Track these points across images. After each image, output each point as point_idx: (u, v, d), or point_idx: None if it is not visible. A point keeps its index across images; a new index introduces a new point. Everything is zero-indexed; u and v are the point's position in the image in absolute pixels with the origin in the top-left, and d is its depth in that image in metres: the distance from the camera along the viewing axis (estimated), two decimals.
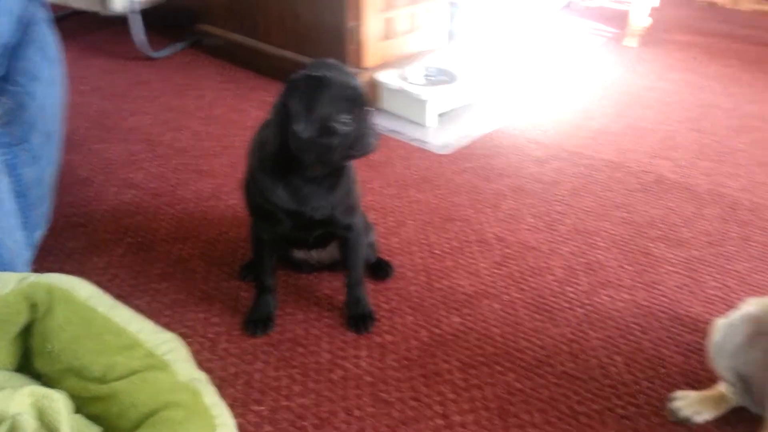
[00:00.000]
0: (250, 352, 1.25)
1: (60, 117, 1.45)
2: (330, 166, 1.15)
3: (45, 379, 0.86)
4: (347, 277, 1.33)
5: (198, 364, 0.93)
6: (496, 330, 1.32)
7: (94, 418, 0.82)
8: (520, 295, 1.42)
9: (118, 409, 0.81)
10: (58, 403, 0.76)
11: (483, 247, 1.58)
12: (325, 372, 1.21)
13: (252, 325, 1.30)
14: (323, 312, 1.36)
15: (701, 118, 2.34)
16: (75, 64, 2.63)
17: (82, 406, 0.83)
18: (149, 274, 1.46)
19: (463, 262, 1.52)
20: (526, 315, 1.36)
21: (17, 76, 1.26)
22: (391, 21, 2.33)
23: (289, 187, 1.15)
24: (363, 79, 2.24)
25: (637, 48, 3.06)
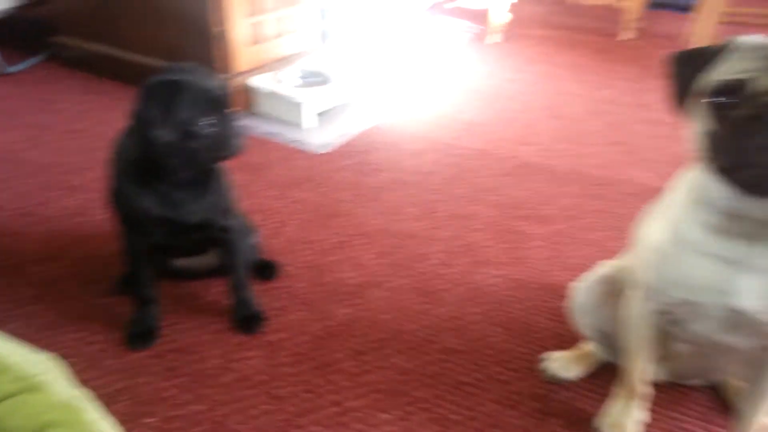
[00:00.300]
0: (136, 365, 1.22)
1: None
2: (196, 170, 1.14)
3: None
4: (231, 280, 1.33)
5: (82, 383, 0.90)
6: (384, 316, 1.37)
7: None
8: (404, 281, 1.48)
9: None
10: None
11: (366, 239, 1.63)
12: (216, 377, 1.20)
13: (134, 338, 1.26)
14: (211, 318, 1.35)
15: (559, 105, 2.53)
16: None
17: None
18: (21, 296, 1.38)
19: (348, 255, 1.56)
20: (411, 299, 1.42)
21: None
22: (259, 25, 2.33)
23: (157, 194, 1.13)
24: (235, 84, 2.22)
25: (500, 43, 3.26)
